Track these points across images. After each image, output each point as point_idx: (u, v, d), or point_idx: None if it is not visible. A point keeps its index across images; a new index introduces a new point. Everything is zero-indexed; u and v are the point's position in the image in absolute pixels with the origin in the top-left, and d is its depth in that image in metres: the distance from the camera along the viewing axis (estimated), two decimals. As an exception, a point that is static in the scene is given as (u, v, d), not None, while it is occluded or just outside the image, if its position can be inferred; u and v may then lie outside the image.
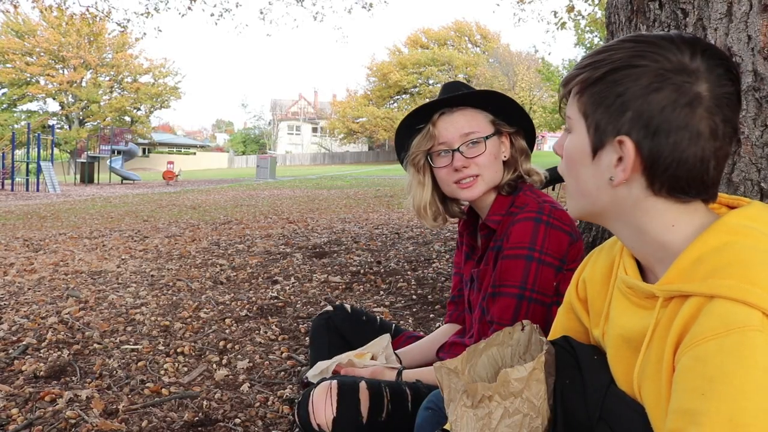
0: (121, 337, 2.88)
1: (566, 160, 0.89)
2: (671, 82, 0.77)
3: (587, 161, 0.85)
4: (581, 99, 0.84)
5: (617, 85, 0.80)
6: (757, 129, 1.69)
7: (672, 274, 0.79)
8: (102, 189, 20.30)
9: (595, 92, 0.82)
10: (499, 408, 0.92)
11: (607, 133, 0.81)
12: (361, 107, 48.11)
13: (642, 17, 1.97)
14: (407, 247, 5.31)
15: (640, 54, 0.80)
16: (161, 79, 45.14)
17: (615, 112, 0.80)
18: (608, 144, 0.82)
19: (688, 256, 0.79)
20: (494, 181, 1.48)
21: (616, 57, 0.81)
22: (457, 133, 1.47)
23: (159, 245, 5.85)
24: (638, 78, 0.79)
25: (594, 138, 0.83)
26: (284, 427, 1.96)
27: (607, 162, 0.82)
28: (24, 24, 38.61)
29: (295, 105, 69.26)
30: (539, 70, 30.67)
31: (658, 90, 0.78)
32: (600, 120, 0.82)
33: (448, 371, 0.99)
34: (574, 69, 0.87)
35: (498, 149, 1.48)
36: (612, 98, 0.80)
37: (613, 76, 0.81)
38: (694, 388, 0.69)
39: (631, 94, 0.79)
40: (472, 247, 1.61)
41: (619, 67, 0.80)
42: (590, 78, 0.82)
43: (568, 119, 0.88)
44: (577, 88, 0.85)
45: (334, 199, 12.34)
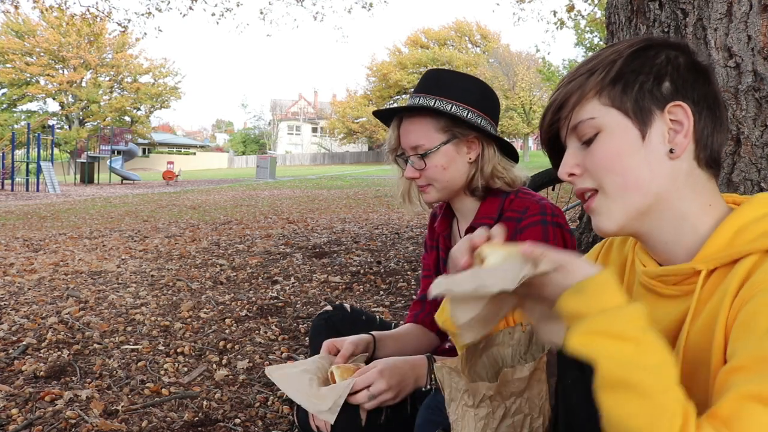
0: (121, 337, 2.88)
1: (606, 164, 0.84)
2: (685, 51, 0.85)
3: (637, 148, 0.83)
4: (605, 93, 0.84)
5: (642, 65, 0.83)
6: (757, 129, 1.69)
7: (711, 248, 0.81)
8: (102, 189, 20.30)
9: (621, 78, 0.83)
10: (500, 408, 0.92)
11: (652, 108, 0.82)
12: (361, 107, 48.11)
13: (642, 17, 1.97)
14: (407, 247, 5.31)
15: (640, 42, 0.85)
16: (161, 79, 45.15)
17: (652, 86, 0.82)
18: (657, 119, 0.83)
19: (727, 229, 0.81)
20: (451, 187, 1.47)
21: (622, 47, 0.85)
22: (408, 144, 1.47)
23: (159, 245, 5.85)
24: (657, 54, 0.83)
25: (639, 119, 0.82)
26: (284, 427, 1.96)
27: (659, 138, 0.83)
28: (24, 24, 38.60)
29: (295, 105, 69.29)
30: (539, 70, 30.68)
31: (678, 64, 0.83)
32: (640, 99, 0.82)
33: (449, 371, 0.99)
34: (568, 82, 0.87)
35: (452, 157, 1.44)
36: (644, 76, 0.82)
37: (633, 61, 0.83)
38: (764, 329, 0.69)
39: (659, 66, 0.82)
40: (449, 249, 1.60)
41: (636, 51, 0.83)
42: (609, 71, 0.83)
43: (590, 124, 0.85)
44: (594, 90, 0.84)
45: (334, 199, 12.34)
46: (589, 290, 0.73)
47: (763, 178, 1.69)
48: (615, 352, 0.67)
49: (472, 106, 1.45)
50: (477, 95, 1.47)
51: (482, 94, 1.48)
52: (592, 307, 0.71)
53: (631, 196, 0.83)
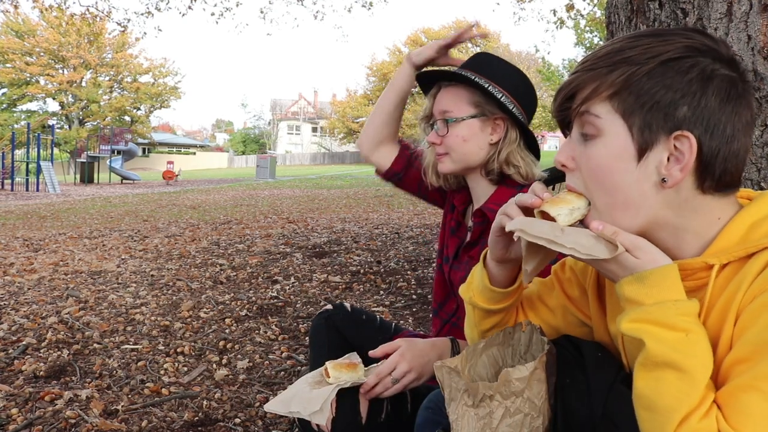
0: (121, 337, 2.88)
1: (597, 171, 0.81)
2: (719, 72, 0.77)
3: (631, 166, 0.79)
4: (619, 98, 0.78)
5: (666, 78, 0.76)
6: (757, 129, 1.69)
7: (724, 243, 0.80)
8: (102, 189, 20.30)
9: (641, 89, 0.76)
10: (500, 407, 0.92)
11: (659, 131, 0.77)
12: (361, 107, 48.11)
13: (642, 17, 1.97)
14: (407, 247, 5.31)
15: (677, 45, 0.77)
16: (161, 78, 45.12)
17: (667, 107, 0.76)
18: (660, 142, 0.77)
19: (740, 224, 0.80)
20: (467, 162, 1.48)
21: (656, 50, 0.77)
22: (438, 109, 1.50)
23: (159, 245, 5.85)
24: (688, 71, 0.76)
25: (641, 138, 0.77)
26: (284, 427, 1.96)
27: (656, 163, 0.78)
28: (24, 24, 38.59)
29: (295, 105, 69.30)
30: (539, 70, 30.67)
31: (714, 84, 0.76)
32: (650, 118, 0.77)
33: (449, 370, 0.99)
34: (588, 69, 0.81)
35: (474, 132, 1.46)
36: (663, 92, 0.76)
37: (660, 69, 0.76)
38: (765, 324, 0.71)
39: (683, 88, 0.76)
40: (459, 223, 1.60)
41: (669, 59, 0.76)
42: (633, 75, 0.77)
43: (593, 121, 0.80)
44: (609, 91, 0.78)
45: (334, 198, 12.34)
46: (650, 280, 0.75)
47: (763, 178, 1.69)
48: (664, 338, 0.72)
49: (508, 92, 1.47)
50: (516, 84, 1.49)
51: (522, 85, 1.50)
52: (650, 298, 0.75)
53: (620, 216, 0.81)
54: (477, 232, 1.50)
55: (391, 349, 1.38)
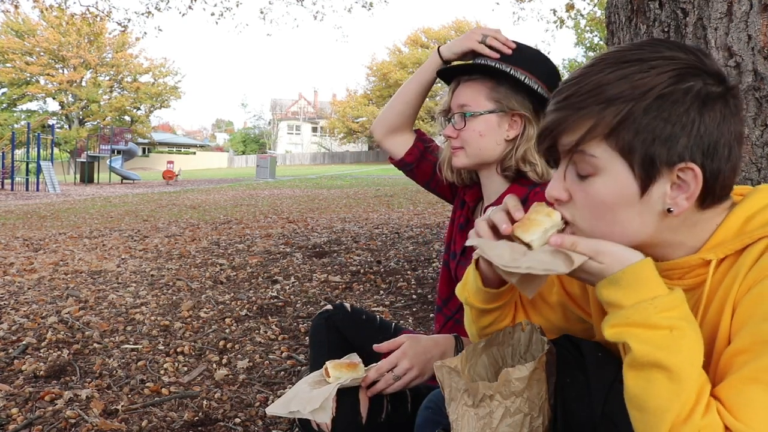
0: (121, 337, 2.88)
1: (597, 208, 0.79)
2: (712, 92, 0.76)
3: (633, 201, 0.77)
4: (616, 137, 0.76)
5: (663, 112, 0.74)
6: (757, 129, 1.69)
7: (720, 239, 0.80)
8: (102, 189, 20.30)
9: (639, 126, 0.75)
10: (500, 407, 0.92)
11: (661, 165, 0.75)
12: (361, 107, 48.13)
13: (642, 17, 1.97)
14: (407, 247, 5.31)
15: (668, 73, 0.75)
16: (161, 78, 45.14)
17: (667, 141, 0.75)
18: (662, 176, 0.76)
19: (734, 220, 0.80)
20: (482, 157, 1.48)
21: (647, 83, 0.74)
22: (456, 103, 1.50)
23: (159, 245, 5.85)
24: (683, 100, 0.75)
25: (643, 173, 0.76)
26: (284, 427, 1.96)
27: (659, 194, 0.77)
28: (24, 24, 38.59)
29: (295, 105, 69.30)
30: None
31: (709, 107, 0.75)
32: (651, 153, 0.75)
33: (449, 370, 0.99)
34: (576, 107, 0.77)
35: (491, 127, 1.46)
36: (662, 125, 0.74)
37: (656, 104, 0.74)
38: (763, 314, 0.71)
39: (681, 119, 0.74)
40: (468, 220, 1.60)
41: (663, 93, 0.74)
42: (630, 113, 0.74)
43: (589, 160, 0.78)
44: (605, 131, 0.76)
45: (334, 198, 12.34)
46: (624, 281, 0.75)
47: (764, 178, 1.69)
48: (648, 338, 0.72)
49: (539, 78, 1.45)
50: (545, 71, 1.47)
51: (549, 73, 1.48)
52: (629, 299, 0.74)
53: (610, 240, 0.80)
54: None
55: (395, 345, 1.38)
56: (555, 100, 0.81)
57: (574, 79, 0.80)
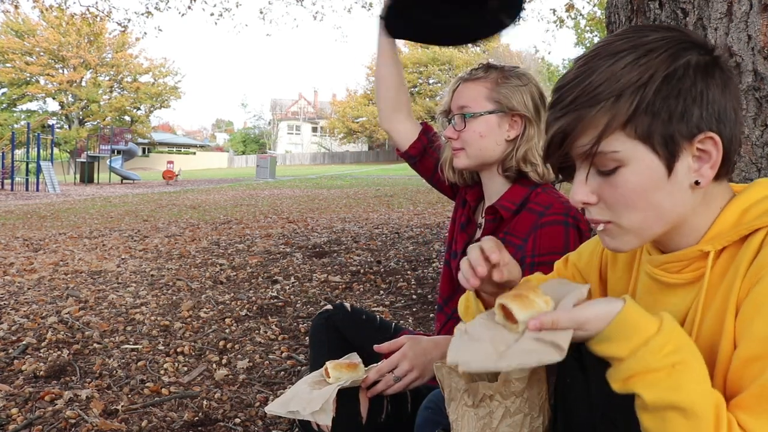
0: (121, 337, 2.88)
1: (629, 198, 0.79)
2: (707, 61, 0.78)
3: (662, 183, 0.78)
4: (633, 124, 0.76)
5: (672, 89, 0.76)
6: (757, 129, 1.69)
7: (718, 230, 0.81)
8: (102, 189, 20.30)
9: (654, 108, 0.76)
10: (500, 407, 0.92)
11: (681, 140, 0.77)
12: (361, 107, 48.09)
13: (642, 17, 1.97)
14: (407, 247, 5.31)
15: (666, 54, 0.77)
16: (161, 78, 45.14)
17: (683, 115, 0.76)
18: (684, 151, 0.78)
19: (732, 211, 0.81)
20: (483, 158, 1.48)
21: (651, 66, 0.76)
22: (456, 104, 1.51)
23: (159, 245, 5.85)
24: (686, 75, 0.76)
25: (666, 152, 0.77)
26: (284, 427, 1.96)
27: (685, 170, 0.78)
28: (24, 24, 38.59)
29: (295, 105, 69.29)
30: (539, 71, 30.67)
31: (709, 75, 0.78)
32: (670, 131, 0.76)
33: (449, 370, 0.99)
34: (586, 105, 0.77)
35: (491, 128, 1.46)
36: (673, 102, 0.76)
37: (664, 84, 0.76)
38: None
39: (690, 93, 0.76)
40: (469, 219, 1.60)
41: (667, 73, 0.76)
42: (642, 98, 0.75)
43: (612, 156, 0.78)
44: (624, 118, 0.76)
45: (334, 198, 12.34)
46: (614, 335, 0.74)
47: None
48: (653, 382, 0.72)
49: None
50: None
51: None
52: (623, 350, 0.73)
53: (649, 228, 0.81)
54: (488, 229, 1.50)
55: (396, 345, 1.37)
56: (560, 106, 0.80)
57: (573, 81, 0.79)
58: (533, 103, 1.48)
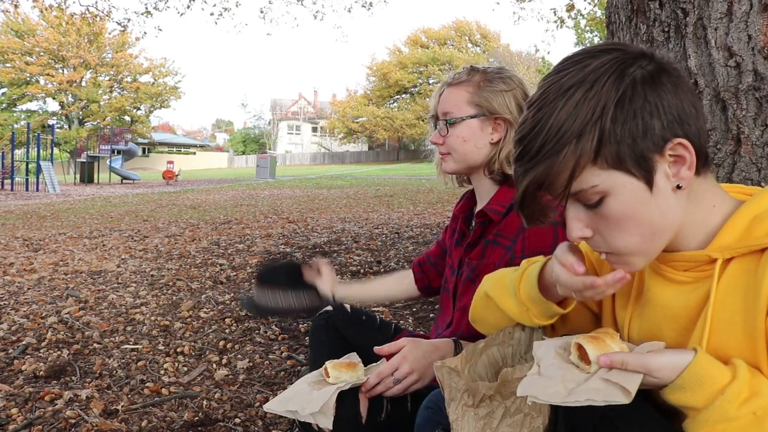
0: (121, 337, 2.88)
1: (621, 223, 0.81)
2: (650, 69, 0.80)
3: (648, 199, 0.80)
4: (601, 157, 0.78)
5: (627, 112, 0.77)
6: (757, 129, 1.69)
7: (727, 237, 0.81)
8: (102, 189, 20.30)
9: (616, 135, 0.77)
10: (500, 407, 0.92)
11: (652, 155, 0.78)
12: (361, 107, 48.10)
13: (642, 17, 1.97)
14: (407, 247, 5.31)
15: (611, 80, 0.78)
16: (161, 78, 45.15)
17: (646, 132, 0.77)
18: (658, 162, 0.79)
19: (741, 218, 0.81)
20: (469, 162, 1.50)
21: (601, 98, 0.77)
22: (440, 110, 1.52)
23: (159, 245, 5.85)
24: (636, 93, 0.77)
25: (642, 171, 0.78)
26: (284, 426, 1.96)
27: (664, 179, 0.80)
28: (24, 24, 38.60)
29: (295, 105, 69.30)
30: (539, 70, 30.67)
31: (657, 83, 0.79)
32: (638, 151, 0.78)
33: (449, 370, 0.99)
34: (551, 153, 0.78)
35: (474, 132, 1.47)
36: (632, 124, 0.77)
37: (618, 110, 0.77)
38: None
39: (645, 108, 0.77)
40: (463, 233, 1.61)
41: (618, 99, 0.77)
42: (602, 130, 0.77)
43: (592, 190, 0.79)
44: (589, 159, 0.78)
45: (334, 198, 12.34)
46: (689, 384, 0.74)
47: (764, 178, 1.69)
48: (736, 431, 0.71)
49: None
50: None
51: None
52: (700, 400, 0.73)
53: (653, 245, 0.83)
54: (477, 232, 1.50)
55: (396, 348, 1.38)
56: (527, 158, 0.81)
57: (533, 130, 0.80)
58: (517, 105, 1.48)
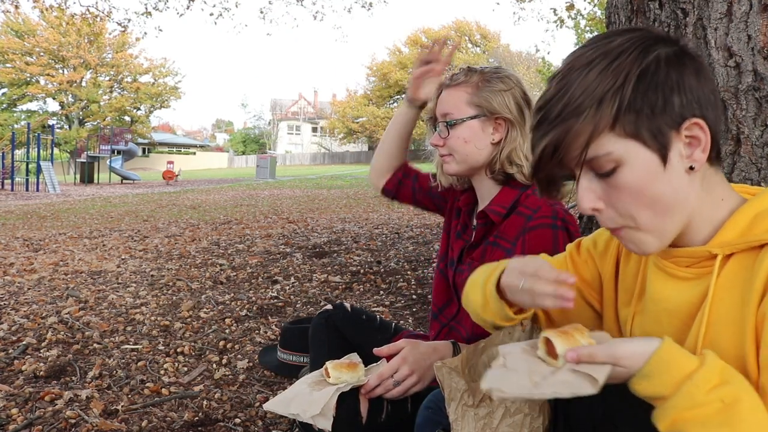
0: (121, 337, 2.88)
1: (633, 195, 0.81)
2: (676, 53, 0.81)
3: (660, 174, 0.80)
4: (619, 124, 0.79)
5: (649, 83, 0.78)
6: (757, 129, 1.69)
7: (729, 233, 0.81)
8: (102, 189, 20.30)
9: (635, 105, 0.78)
10: (500, 407, 0.92)
11: (668, 130, 0.79)
12: (361, 107, 48.09)
13: (642, 17, 1.97)
14: (407, 247, 5.31)
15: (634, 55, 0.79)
16: (161, 78, 45.12)
17: (665, 106, 0.79)
18: (673, 139, 0.80)
19: (744, 215, 0.82)
20: (470, 163, 1.49)
21: (624, 68, 0.78)
22: (440, 111, 1.51)
23: (159, 245, 5.85)
24: (659, 69, 0.79)
25: (658, 145, 0.79)
26: (284, 426, 1.96)
27: (677, 157, 0.80)
28: (24, 24, 38.58)
29: (295, 105, 69.28)
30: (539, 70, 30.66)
31: (681, 65, 0.80)
32: (656, 124, 0.79)
33: (449, 370, 0.99)
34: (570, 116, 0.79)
35: (475, 132, 1.47)
36: (653, 96, 0.78)
37: (640, 83, 0.78)
38: None
39: (667, 84, 0.79)
40: (465, 225, 1.60)
41: (640, 72, 0.78)
42: (622, 99, 0.78)
43: (607, 158, 0.80)
44: (607, 124, 0.79)
45: (334, 198, 12.34)
46: (656, 371, 0.74)
47: (764, 178, 1.69)
48: (705, 419, 0.70)
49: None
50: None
51: None
52: (667, 387, 0.73)
53: (666, 223, 0.82)
54: (480, 233, 1.50)
55: (396, 349, 1.37)
56: (545, 123, 0.82)
57: (554, 98, 0.81)
58: (516, 104, 1.48)
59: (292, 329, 2.47)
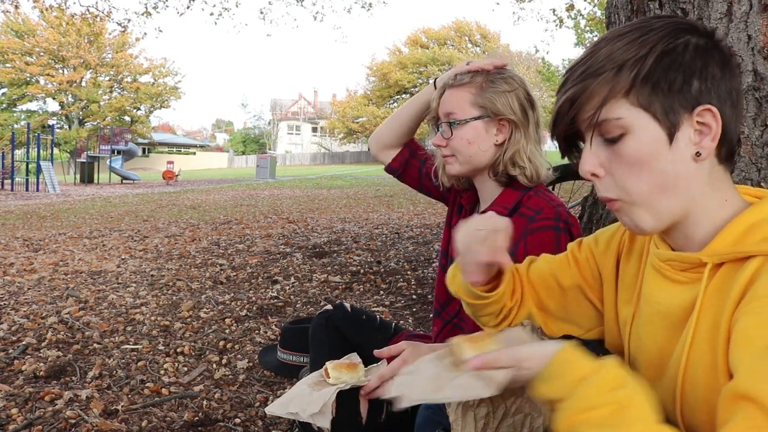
0: (121, 337, 2.88)
1: (634, 165, 0.82)
2: (709, 44, 0.81)
3: (664, 152, 0.81)
4: (635, 92, 0.80)
5: (672, 61, 0.79)
6: (757, 129, 1.69)
7: (721, 242, 0.81)
8: (102, 189, 20.30)
9: (654, 77, 0.79)
10: (500, 407, 0.92)
11: (681, 110, 0.80)
12: (361, 107, 48.09)
13: (642, 17, 1.97)
14: (407, 247, 5.31)
15: (669, 30, 0.81)
16: (161, 78, 45.11)
17: (681, 85, 0.79)
18: (685, 121, 0.80)
19: (740, 224, 0.81)
20: (473, 164, 1.48)
21: (653, 38, 0.80)
22: (442, 111, 1.50)
23: (159, 245, 5.85)
24: (686, 51, 0.80)
25: (667, 121, 0.80)
26: (284, 427, 1.96)
27: (686, 140, 0.80)
28: (24, 24, 38.58)
29: (295, 105, 69.29)
30: (539, 70, 30.67)
31: (708, 55, 0.80)
32: (670, 101, 0.79)
33: (449, 371, 0.99)
34: (590, 75, 0.81)
35: (479, 133, 1.46)
36: (673, 74, 0.79)
37: (664, 58, 0.79)
38: (763, 346, 0.67)
39: (690, 66, 0.79)
40: None
41: (667, 47, 0.79)
42: (642, 68, 0.79)
43: (615, 123, 0.81)
44: (624, 90, 0.80)
45: (334, 198, 12.34)
46: (554, 373, 0.74)
47: (764, 178, 1.69)
48: (599, 421, 0.69)
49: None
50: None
51: None
52: (564, 389, 0.72)
53: (661, 201, 0.82)
54: None
55: (396, 351, 1.37)
56: (570, 77, 0.84)
57: (580, 61, 0.84)
58: (519, 105, 1.47)
59: (292, 329, 2.47)
